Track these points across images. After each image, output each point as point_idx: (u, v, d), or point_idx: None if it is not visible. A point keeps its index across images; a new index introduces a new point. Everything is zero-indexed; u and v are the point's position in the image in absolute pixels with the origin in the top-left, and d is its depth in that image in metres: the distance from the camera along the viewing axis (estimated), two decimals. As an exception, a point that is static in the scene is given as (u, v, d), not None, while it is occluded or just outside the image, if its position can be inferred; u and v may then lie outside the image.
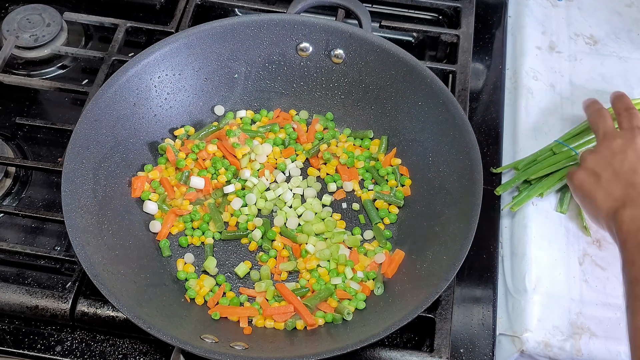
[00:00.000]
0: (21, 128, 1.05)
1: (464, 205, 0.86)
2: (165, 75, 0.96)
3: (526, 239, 0.95)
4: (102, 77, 1.03)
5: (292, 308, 0.85)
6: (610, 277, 0.92)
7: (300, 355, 0.75)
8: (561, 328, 0.88)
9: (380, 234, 0.92)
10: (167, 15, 1.15)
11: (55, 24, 1.13)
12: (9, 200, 0.99)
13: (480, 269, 0.94)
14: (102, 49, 1.10)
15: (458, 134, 0.90)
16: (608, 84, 1.09)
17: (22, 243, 0.95)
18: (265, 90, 1.03)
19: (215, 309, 0.86)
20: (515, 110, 1.07)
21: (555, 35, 1.15)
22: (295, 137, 1.01)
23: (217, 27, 0.97)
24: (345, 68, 1.00)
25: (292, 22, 0.98)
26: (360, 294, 0.87)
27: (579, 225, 0.96)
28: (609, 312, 0.90)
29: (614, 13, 1.18)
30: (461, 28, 1.12)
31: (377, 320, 0.81)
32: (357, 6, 1.01)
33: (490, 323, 0.90)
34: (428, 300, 0.79)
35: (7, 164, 0.98)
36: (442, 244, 0.85)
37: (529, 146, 1.02)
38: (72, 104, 1.09)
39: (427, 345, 0.87)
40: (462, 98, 1.03)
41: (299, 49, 1.00)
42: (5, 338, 0.86)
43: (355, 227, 0.94)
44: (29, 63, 1.12)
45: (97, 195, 0.88)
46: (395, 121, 0.98)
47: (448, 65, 1.07)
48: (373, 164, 0.99)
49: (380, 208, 0.95)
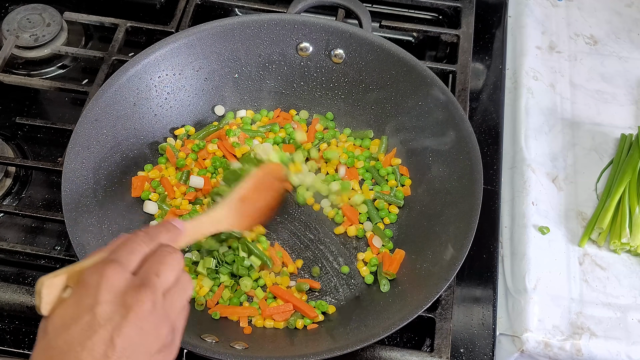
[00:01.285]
0: (21, 128, 1.05)
1: (464, 205, 0.86)
2: (165, 75, 0.96)
3: (526, 239, 0.95)
4: (102, 77, 1.03)
5: (291, 307, 0.85)
6: (610, 277, 0.93)
7: (300, 355, 0.75)
8: (561, 328, 0.88)
9: (380, 233, 0.92)
10: (167, 15, 1.15)
11: (55, 23, 1.12)
12: (9, 200, 0.99)
13: (480, 269, 0.94)
14: (102, 49, 1.10)
15: (458, 134, 0.90)
16: (608, 84, 1.09)
17: (22, 243, 0.95)
18: (265, 90, 1.03)
19: (215, 308, 0.86)
20: (515, 110, 1.07)
21: (555, 35, 1.15)
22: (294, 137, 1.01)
23: (217, 27, 0.97)
24: (345, 68, 1.00)
25: (292, 22, 0.98)
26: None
27: (579, 225, 0.96)
28: (609, 312, 0.90)
29: (614, 13, 1.18)
30: (461, 28, 1.12)
31: (377, 320, 0.81)
32: (357, 6, 1.01)
33: (490, 323, 0.90)
34: (428, 300, 0.79)
35: (7, 164, 0.98)
36: (442, 244, 0.85)
37: (529, 146, 1.02)
38: (72, 104, 1.09)
39: (427, 345, 0.87)
40: (462, 98, 1.03)
41: (299, 49, 1.00)
42: (5, 338, 0.86)
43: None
44: (29, 63, 1.12)
45: (97, 195, 0.88)
46: (395, 121, 0.98)
47: (448, 65, 1.07)
48: (373, 164, 0.99)
49: (380, 208, 0.95)
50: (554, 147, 1.03)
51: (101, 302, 0.56)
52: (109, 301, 0.56)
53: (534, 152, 1.02)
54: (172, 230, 0.68)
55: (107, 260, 0.59)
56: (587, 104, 1.08)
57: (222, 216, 0.82)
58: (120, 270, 0.59)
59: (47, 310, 0.58)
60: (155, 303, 0.58)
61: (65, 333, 0.55)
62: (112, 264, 0.59)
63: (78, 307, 0.56)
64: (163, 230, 0.67)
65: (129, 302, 0.57)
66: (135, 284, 0.58)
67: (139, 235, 0.63)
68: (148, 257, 0.62)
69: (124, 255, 0.61)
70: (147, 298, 0.58)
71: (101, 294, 0.56)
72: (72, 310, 0.57)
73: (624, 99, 1.08)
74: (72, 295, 0.58)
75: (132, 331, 0.56)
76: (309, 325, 0.85)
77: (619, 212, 0.94)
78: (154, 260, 0.61)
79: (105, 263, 0.59)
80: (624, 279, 0.92)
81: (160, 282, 0.60)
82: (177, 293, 0.62)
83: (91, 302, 0.56)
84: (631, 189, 0.95)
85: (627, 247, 0.93)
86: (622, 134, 1.03)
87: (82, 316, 0.56)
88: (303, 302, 0.86)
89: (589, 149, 1.03)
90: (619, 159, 1.00)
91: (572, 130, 1.05)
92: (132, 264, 0.61)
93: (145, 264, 0.61)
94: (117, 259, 0.60)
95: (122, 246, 0.62)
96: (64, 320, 0.56)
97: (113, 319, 0.56)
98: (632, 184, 0.95)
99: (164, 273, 0.61)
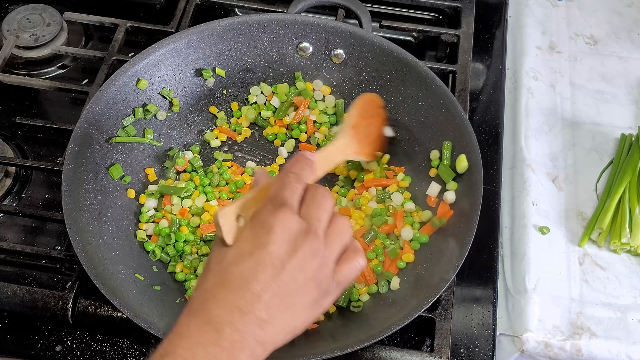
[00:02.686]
0: (21, 128, 1.05)
1: (464, 205, 0.86)
2: (165, 75, 0.96)
3: (526, 239, 0.95)
4: (102, 77, 1.03)
5: None
6: (611, 277, 0.92)
7: (300, 355, 0.75)
8: (561, 328, 0.88)
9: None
10: (167, 15, 1.15)
11: (55, 23, 1.12)
12: (9, 200, 0.99)
13: (480, 269, 0.94)
14: (102, 49, 1.10)
15: (458, 134, 0.90)
16: (608, 84, 1.09)
17: (22, 243, 0.95)
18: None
19: None
20: (515, 110, 1.07)
21: (555, 35, 1.15)
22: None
23: (217, 27, 0.97)
24: (345, 68, 1.00)
25: (292, 22, 0.98)
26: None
27: (579, 225, 0.96)
28: (609, 312, 0.90)
29: (614, 13, 1.18)
30: (461, 28, 1.12)
31: (377, 320, 0.81)
32: (357, 6, 1.01)
33: (491, 323, 0.90)
34: (428, 300, 0.79)
35: (7, 164, 0.98)
36: (442, 244, 0.85)
37: (529, 146, 1.02)
38: (72, 104, 1.09)
39: (427, 345, 0.87)
40: (462, 98, 1.03)
41: (299, 49, 1.00)
42: (5, 338, 0.86)
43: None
44: (29, 63, 1.12)
45: (97, 195, 0.88)
46: (395, 121, 0.98)
47: (448, 65, 1.07)
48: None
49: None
50: (554, 147, 1.03)
51: (275, 242, 0.63)
52: (281, 242, 0.63)
53: (534, 152, 1.02)
54: (310, 164, 0.72)
55: (277, 202, 0.65)
56: (587, 104, 1.08)
57: (345, 144, 0.87)
58: (291, 214, 0.65)
59: (230, 239, 0.65)
60: (318, 249, 0.65)
61: (242, 264, 0.63)
62: (284, 207, 0.65)
63: (254, 244, 0.63)
64: (304, 166, 0.71)
65: (298, 246, 0.63)
66: (303, 228, 0.64)
67: (291, 177, 0.68)
68: (304, 198, 0.68)
69: (289, 198, 0.66)
70: (313, 244, 0.64)
71: (276, 235, 0.63)
72: (250, 245, 0.63)
73: (624, 99, 1.08)
74: (249, 230, 0.65)
75: (296, 271, 0.63)
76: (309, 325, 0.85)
77: (619, 212, 0.94)
78: (313, 204, 0.67)
79: (277, 206, 0.65)
80: (624, 279, 0.92)
81: (322, 227, 0.66)
82: (337, 237, 0.67)
83: (266, 240, 0.63)
84: (631, 189, 0.95)
85: (627, 247, 0.93)
86: (622, 134, 1.03)
87: (258, 252, 0.63)
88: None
89: (589, 149, 1.03)
90: (619, 159, 1.00)
91: (572, 130, 1.05)
92: (297, 206, 0.67)
93: (304, 206, 0.67)
94: (286, 202, 0.65)
95: (283, 188, 0.67)
96: (241, 253, 0.63)
97: (282, 258, 0.63)
98: (632, 184, 0.95)
99: (323, 217, 0.67)
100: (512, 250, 0.96)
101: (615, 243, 0.93)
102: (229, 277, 0.63)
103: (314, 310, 0.67)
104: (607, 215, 0.93)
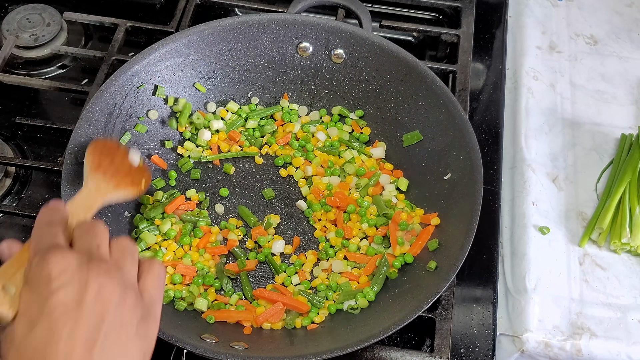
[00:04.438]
0: (21, 128, 1.05)
1: (464, 205, 0.86)
2: (165, 74, 0.96)
3: (526, 239, 0.95)
4: (102, 77, 1.03)
5: (280, 305, 0.84)
6: (611, 277, 0.92)
7: (300, 355, 0.75)
8: (561, 328, 0.88)
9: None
10: (167, 15, 1.15)
11: (55, 23, 1.12)
12: (9, 200, 0.99)
13: (480, 269, 0.94)
14: (102, 48, 1.10)
15: (458, 134, 0.90)
16: (608, 84, 1.09)
17: (22, 243, 0.94)
18: (265, 90, 1.03)
19: (209, 312, 0.85)
20: (515, 110, 1.07)
21: (555, 35, 1.15)
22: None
23: (217, 27, 0.97)
24: (345, 68, 1.00)
25: (292, 22, 0.98)
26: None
27: (579, 225, 0.96)
28: (609, 312, 0.90)
29: (614, 13, 1.18)
30: (461, 28, 1.12)
31: (377, 320, 0.81)
32: (357, 6, 1.01)
33: (491, 323, 0.90)
34: (428, 300, 0.79)
35: (7, 164, 0.98)
36: (442, 244, 0.85)
37: (529, 146, 1.02)
38: (72, 103, 1.09)
39: (427, 345, 0.87)
40: (462, 98, 1.03)
41: (299, 49, 1.00)
42: (5, 338, 0.86)
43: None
44: (29, 63, 1.12)
45: (97, 195, 0.88)
46: (395, 121, 0.98)
47: (448, 65, 1.07)
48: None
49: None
50: (554, 147, 1.03)
51: (60, 286, 0.54)
52: (66, 284, 0.54)
53: (534, 152, 1.02)
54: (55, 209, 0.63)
55: (42, 250, 0.57)
56: (587, 104, 1.08)
57: (97, 187, 0.79)
58: (62, 251, 0.56)
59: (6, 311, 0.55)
60: (110, 271, 0.57)
61: (35, 331, 0.53)
62: (52, 249, 0.56)
63: (39, 302, 0.54)
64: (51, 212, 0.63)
65: (87, 277, 0.55)
66: (83, 259, 0.56)
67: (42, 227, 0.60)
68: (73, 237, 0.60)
69: (53, 240, 0.58)
70: (101, 268, 0.56)
71: (57, 280, 0.54)
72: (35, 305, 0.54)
73: (624, 99, 1.08)
74: (27, 292, 0.55)
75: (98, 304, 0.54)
76: (309, 326, 0.85)
77: (619, 212, 0.94)
78: (85, 235, 0.60)
79: (44, 253, 0.56)
80: (624, 279, 0.92)
81: (103, 251, 0.59)
82: (124, 255, 0.60)
83: (49, 290, 0.54)
84: (631, 189, 0.95)
85: (628, 247, 0.93)
86: (622, 134, 1.03)
87: (46, 308, 0.53)
88: (290, 297, 0.85)
89: (589, 149, 1.03)
90: (619, 159, 1.00)
91: (572, 130, 1.05)
92: (66, 245, 0.59)
93: (75, 241, 0.59)
94: (51, 244, 0.57)
95: (41, 237, 0.59)
96: (29, 319, 0.54)
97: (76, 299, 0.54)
98: (632, 184, 0.95)
99: (102, 242, 0.59)
100: (512, 250, 0.96)
101: (616, 243, 0.93)
102: (29, 354, 0.52)
103: (146, 337, 0.58)
104: (607, 215, 0.93)
